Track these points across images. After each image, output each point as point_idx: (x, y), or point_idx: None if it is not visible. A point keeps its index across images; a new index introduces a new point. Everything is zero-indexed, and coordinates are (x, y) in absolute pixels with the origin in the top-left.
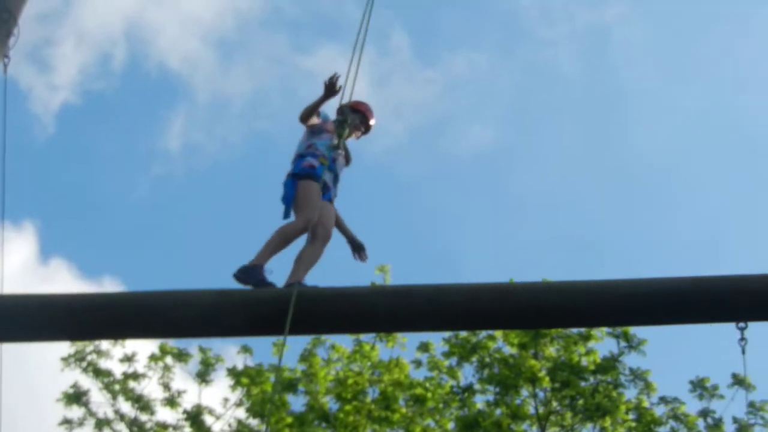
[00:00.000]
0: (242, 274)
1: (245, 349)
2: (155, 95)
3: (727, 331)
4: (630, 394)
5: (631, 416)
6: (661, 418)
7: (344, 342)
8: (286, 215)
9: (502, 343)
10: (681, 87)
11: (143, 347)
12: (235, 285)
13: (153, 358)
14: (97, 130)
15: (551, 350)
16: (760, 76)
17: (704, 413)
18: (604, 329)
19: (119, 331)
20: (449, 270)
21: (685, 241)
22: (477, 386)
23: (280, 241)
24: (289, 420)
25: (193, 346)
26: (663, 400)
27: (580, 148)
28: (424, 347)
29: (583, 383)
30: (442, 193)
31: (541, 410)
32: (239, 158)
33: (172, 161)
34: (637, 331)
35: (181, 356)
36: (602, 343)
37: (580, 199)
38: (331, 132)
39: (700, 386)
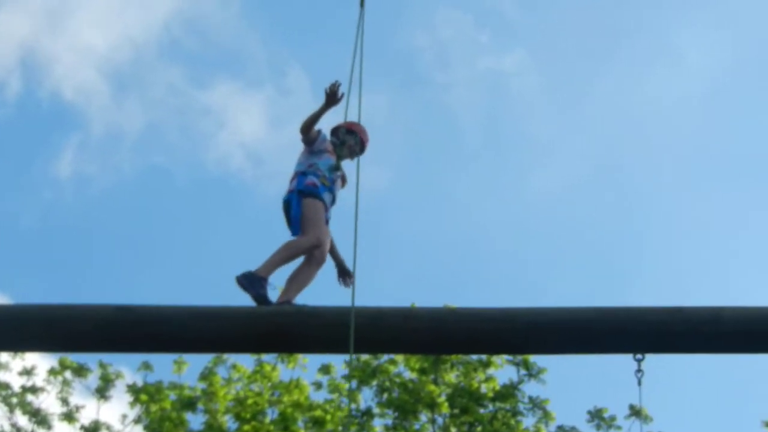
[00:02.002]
0: (245, 280)
1: (146, 366)
2: (48, 124)
3: (624, 362)
4: (528, 422)
5: None
6: None
7: (245, 362)
8: (295, 232)
9: (402, 367)
10: (571, 137)
11: (43, 361)
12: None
13: (52, 372)
14: None
15: (451, 376)
16: (649, 127)
17: None
18: (504, 357)
19: (14, 344)
20: (349, 295)
21: (582, 274)
22: (376, 410)
23: (286, 255)
24: None
25: (92, 361)
26: (561, 429)
27: (477, 191)
28: (324, 369)
29: (482, 410)
30: (340, 229)
31: None
32: (131, 190)
33: (62, 188)
34: (537, 359)
35: (81, 371)
36: (502, 370)
37: (479, 232)
38: (331, 152)
39: (597, 416)
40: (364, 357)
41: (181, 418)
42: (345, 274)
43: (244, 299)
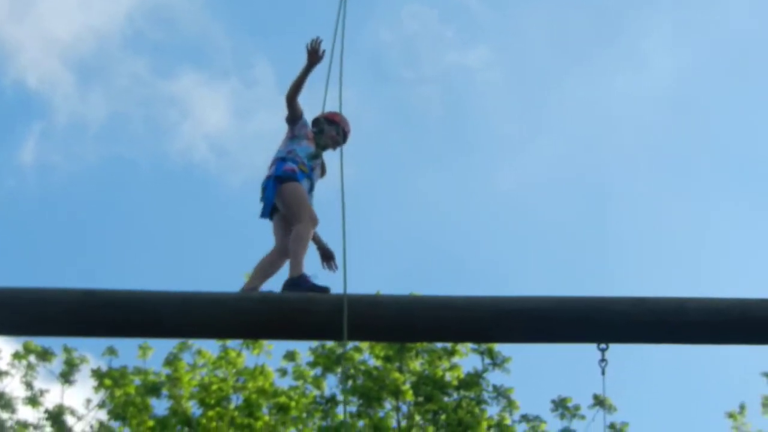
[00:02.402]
0: (292, 288)
1: (110, 351)
2: (11, 112)
3: (588, 351)
4: (492, 410)
5: None
6: None
7: (210, 348)
8: (264, 214)
9: (367, 355)
10: (535, 134)
11: (7, 345)
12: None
13: (17, 356)
14: None
15: (416, 364)
16: (613, 125)
17: None
18: (469, 345)
19: None
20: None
21: (548, 265)
22: (341, 397)
23: (301, 246)
24: (151, 423)
25: (57, 345)
26: (524, 418)
27: (443, 183)
28: (290, 356)
29: (446, 398)
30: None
31: (403, 423)
32: (94, 179)
33: (25, 176)
34: (502, 348)
35: (45, 355)
36: (467, 359)
37: (446, 223)
38: (311, 140)
39: (561, 406)
40: (329, 344)
41: (146, 403)
42: (328, 258)
43: (208, 286)
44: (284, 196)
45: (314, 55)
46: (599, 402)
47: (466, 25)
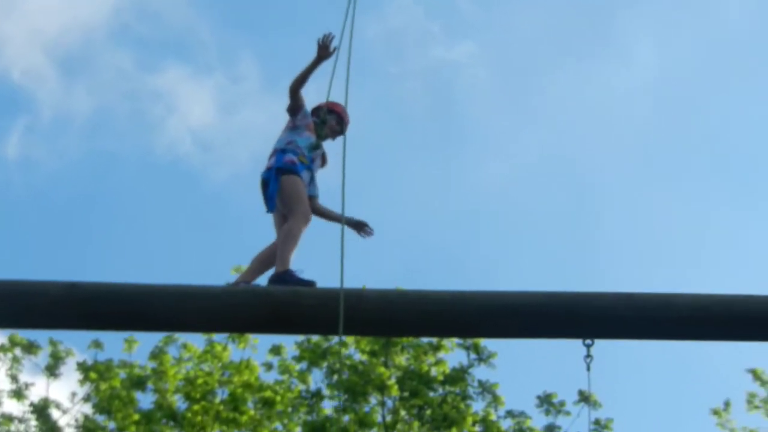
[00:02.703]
0: (278, 283)
1: (96, 344)
2: None
3: (574, 347)
4: (477, 406)
5: (477, 428)
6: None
7: (196, 341)
8: (271, 208)
9: (353, 349)
10: (521, 129)
11: None
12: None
13: (2, 348)
14: None
15: (401, 359)
16: (595, 125)
17: (549, 429)
18: (455, 340)
19: None
20: None
21: (534, 261)
22: (326, 392)
23: (291, 243)
24: (137, 417)
25: (43, 338)
26: (510, 413)
27: (428, 179)
28: (275, 350)
29: (431, 393)
30: None
31: (388, 418)
32: (79, 174)
33: (9, 171)
34: (488, 343)
35: (31, 348)
36: (452, 354)
37: (433, 216)
38: (311, 131)
39: (547, 402)
40: (315, 338)
41: (131, 397)
42: (360, 227)
43: (193, 280)
44: (282, 189)
45: (324, 50)
46: (584, 398)
47: (451, 21)
